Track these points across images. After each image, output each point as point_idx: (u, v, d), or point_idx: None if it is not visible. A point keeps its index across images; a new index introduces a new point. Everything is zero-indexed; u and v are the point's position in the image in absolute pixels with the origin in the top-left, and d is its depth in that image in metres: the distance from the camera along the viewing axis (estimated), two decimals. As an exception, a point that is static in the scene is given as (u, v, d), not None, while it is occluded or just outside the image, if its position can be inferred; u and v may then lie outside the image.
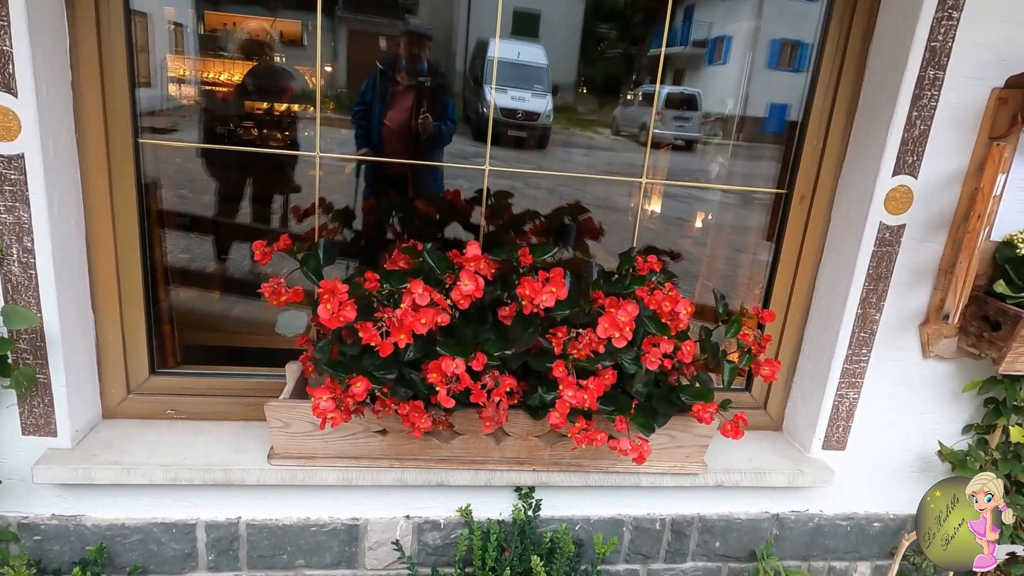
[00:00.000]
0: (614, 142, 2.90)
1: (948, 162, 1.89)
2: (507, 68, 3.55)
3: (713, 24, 4.31)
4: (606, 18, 2.49)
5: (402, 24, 2.91)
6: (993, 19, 1.80)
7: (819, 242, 2.13)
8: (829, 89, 2.01)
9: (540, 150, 4.70)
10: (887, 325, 2.04)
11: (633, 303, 1.58)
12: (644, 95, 4.33)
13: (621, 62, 2.57)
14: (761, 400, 2.31)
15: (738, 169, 2.91)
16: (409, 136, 2.78)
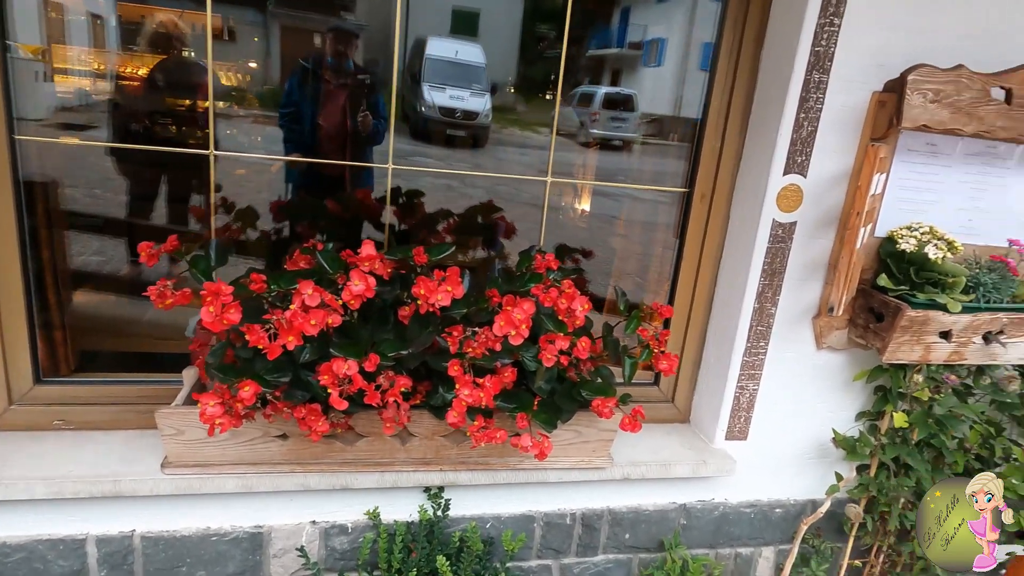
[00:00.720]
0: (556, 140, 2.93)
1: (834, 162, 1.98)
2: (445, 67, 3.53)
3: (648, 27, 4.40)
4: (545, 18, 2.51)
5: (337, 20, 2.85)
6: (872, 26, 1.89)
7: (719, 239, 2.19)
8: (725, 91, 2.08)
9: (479, 149, 4.68)
10: (782, 318, 2.12)
11: (530, 301, 1.60)
12: (582, 95, 4.36)
13: (560, 62, 2.59)
14: (669, 393, 2.37)
15: (669, 168, 2.98)
16: (344, 135, 2.73)
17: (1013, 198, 2.15)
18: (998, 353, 2.05)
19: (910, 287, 1.98)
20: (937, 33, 1.94)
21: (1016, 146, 2.08)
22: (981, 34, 1.97)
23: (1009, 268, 2.02)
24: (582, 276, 2.53)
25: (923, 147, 2.04)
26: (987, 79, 1.84)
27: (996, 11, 1.96)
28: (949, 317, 1.94)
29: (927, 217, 2.08)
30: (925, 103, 1.81)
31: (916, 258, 1.94)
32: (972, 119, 1.86)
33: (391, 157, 2.05)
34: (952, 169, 2.08)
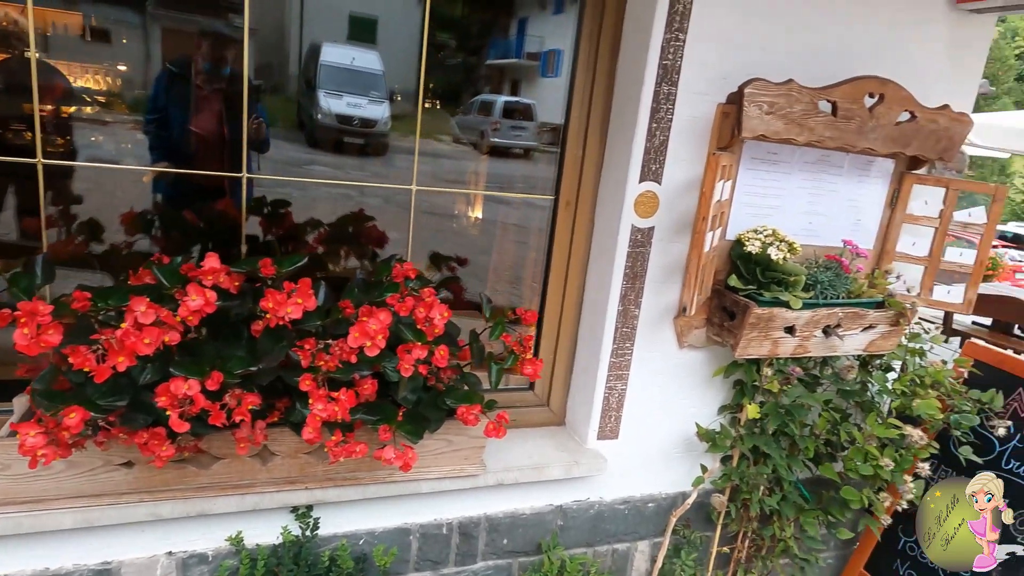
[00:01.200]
0: (454, 150, 2.90)
1: (685, 170, 2.09)
2: (341, 74, 3.43)
3: (545, 38, 4.50)
4: (444, 27, 2.49)
5: (222, 24, 2.70)
6: (714, 41, 2.01)
7: (586, 245, 2.26)
8: (584, 101, 2.14)
9: (378, 157, 4.61)
10: (646, 319, 2.21)
11: (386, 311, 1.58)
12: (482, 104, 4.37)
13: (461, 71, 2.57)
14: (544, 397, 2.41)
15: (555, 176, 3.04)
16: (221, 144, 2.58)
17: (846, 202, 2.34)
18: (837, 345, 2.22)
19: (757, 286, 2.12)
20: (772, 50, 2.09)
21: (846, 154, 2.26)
22: (810, 51, 2.14)
23: (843, 267, 2.19)
24: (459, 283, 2.53)
25: (766, 156, 2.19)
26: (815, 92, 1.99)
27: (823, 30, 2.14)
28: (792, 313, 2.09)
29: (772, 220, 2.24)
30: (761, 115, 1.94)
31: (761, 259, 2.08)
32: (804, 129, 2.02)
33: (244, 168, 1.97)
34: (792, 176, 2.24)
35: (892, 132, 2.13)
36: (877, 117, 2.08)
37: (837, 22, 2.15)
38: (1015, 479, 2.34)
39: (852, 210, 2.36)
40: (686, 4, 1.94)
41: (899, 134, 2.14)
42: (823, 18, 2.13)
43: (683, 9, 1.94)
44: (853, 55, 2.18)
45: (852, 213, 2.36)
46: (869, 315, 2.21)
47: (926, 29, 2.27)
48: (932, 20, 2.27)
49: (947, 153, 2.24)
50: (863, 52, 2.20)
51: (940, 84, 2.30)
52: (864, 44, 2.20)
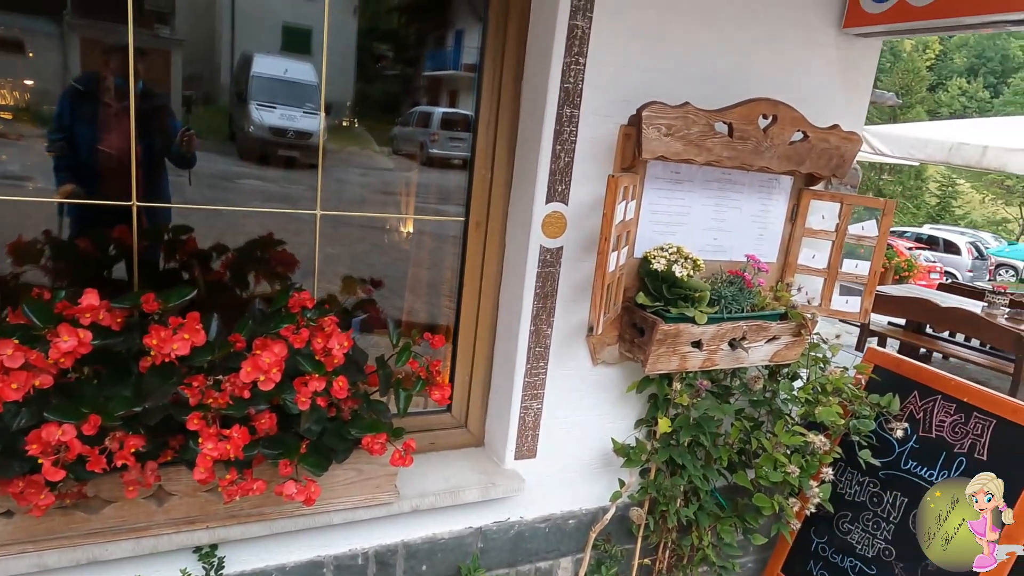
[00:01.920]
0: (394, 161, 2.85)
1: (591, 190, 2.12)
2: (274, 85, 3.34)
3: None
4: (381, 38, 2.45)
5: (148, 34, 2.59)
6: (614, 65, 2.05)
7: (498, 265, 2.26)
8: (490, 124, 2.15)
9: (314, 170, 4.51)
10: (559, 338, 2.23)
11: (281, 344, 1.54)
12: (420, 115, 4.32)
13: (399, 82, 2.53)
14: (462, 419, 2.39)
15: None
16: (137, 163, 2.47)
17: (749, 218, 2.42)
18: (743, 357, 2.29)
19: (664, 303, 2.16)
20: (671, 73, 2.15)
21: (747, 172, 2.34)
22: (708, 74, 2.21)
23: (745, 281, 2.27)
24: (375, 306, 2.50)
25: (670, 175, 2.24)
26: (711, 115, 2.06)
27: (720, 55, 2.21)
28: (698, 328, 2.14)
29: (678, 238, 2.29)
30: (660, 136, 1.99)
31: (667, 276, 2.12)
32: (702, 150, 2.08)
33: (134, 193, 1.90)
34: (696, 194, 2.31)
35: (786, 151, 2.21)
36: (771, 137, 2.17)
37: (732, 47, 2.23)
38: (913, 479, 2.46)
39: (755, 225, 2.44)
40: (584, 29, 1.98)
41: (793, 153, 2.23)
42: (719, 43, 2.21)
43: (581, 34, 1.98)
44: (748, 78, 2.27)
45: (755, 228, 2.45)
46: (772, 327, 2.29)
47: (816, 52, 2.38)
48: (822, 44, 2.38)
49: (839, 170, 2.35)
50: (758, 75, 2.29)
51: (831, 105, 2.42)
52: (758, 67, 2.29)
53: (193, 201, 2.32)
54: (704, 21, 2.16)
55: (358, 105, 2.54)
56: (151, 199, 2.31)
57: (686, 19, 2.13)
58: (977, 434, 2.33)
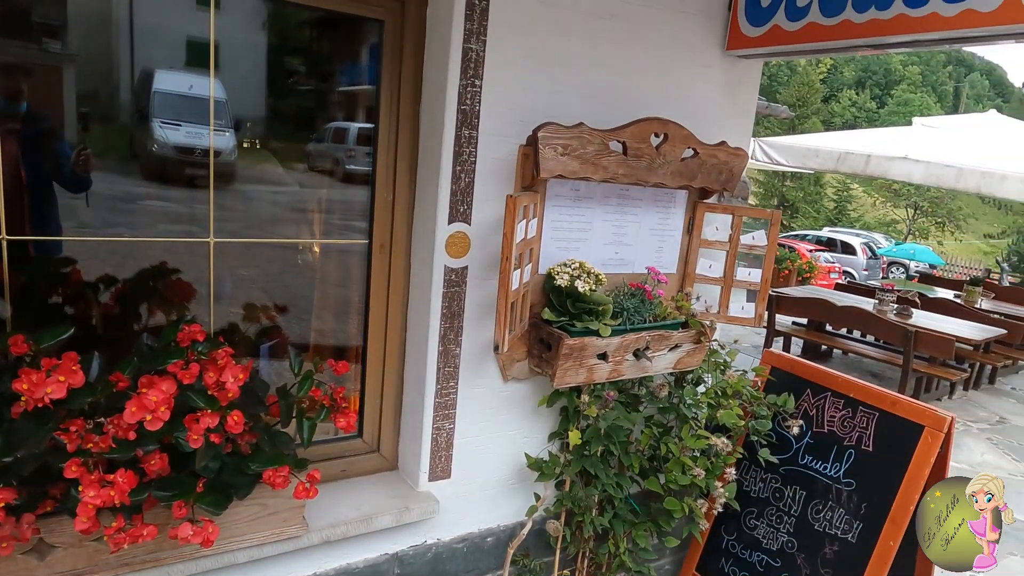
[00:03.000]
0: (309, 178, 2.76)
1: (493, 209, 2.15)
2: (178, 102, 3.19)
3: None
4: (292, 53, 2.37)
5: (38, 49, 2.40)
6: (510, 87, 2.09)
7: (403, 287, 2.25)
8: (390, 147, 2.15)
9: (225, 189, 4.32)
10: (468, 357, 2.23)
11: (169, 380, 1.48)
12: (336, 131, 4.23)
13: (313, 97, 2.45)
14: (374, 443, 2.36)
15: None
16: (18, 188, 2.29)
17: (648, 231, 2.52)
18: (648, 366, 2.36)
19: (570, 317, 2.21)
20: (567, 94, 2.21)
21: (643, 188, 2.43)
22: (603, 95, 2.28)
23: (646, 293, 2.35)
24: (280, 332, 2.43)
25: (570, 192, 2.30)
26: (605, 134, 2.13)
27: (614, 76, 2.29)
28: (603, 341, 2.19)
29: (581, 253, 2.35)
30: (557, 155, 2.04)
31: (571, 291, 2.17)
32: (598, 168, 2.15)
33: (3, 225, 1.78)
34: (596, 210, 2.37)
35: (679, 167, 2.32)
36: (664, 154, 2.26)
37: (624, 68, 2.32)
38: (809, 472, 2.61)
39: (654, 238, 2.54)
40: (479, 52, 2.01)
41: (685, 169, 2.33)
42: (611, 64, 2.29)
43: (476, 57, 2.01)
44: (641, 98, 2.36)
45: (655, 241, 2.54)
46: (674, 335, 2.38)
47: (703, 73, 2.51)
48: (708, 65, 2.51)
49: (729, 184, 2.47)
50: (649, 95, 2.38)
51: (719, 122, 2.55)
52: (650, 87, 2.39)
53: (90, 225, 2.20)
54: (595, 43, 2.24)
55: (270, 121, 2.47)
56: (38, 229, 2.17)
57: (578, 42, 2.20)
58: (863, 427, 2.49)
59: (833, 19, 2.15)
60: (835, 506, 2.49)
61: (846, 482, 2.48)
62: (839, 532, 2.46)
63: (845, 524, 2.45)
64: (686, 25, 2.43)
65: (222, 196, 3.66)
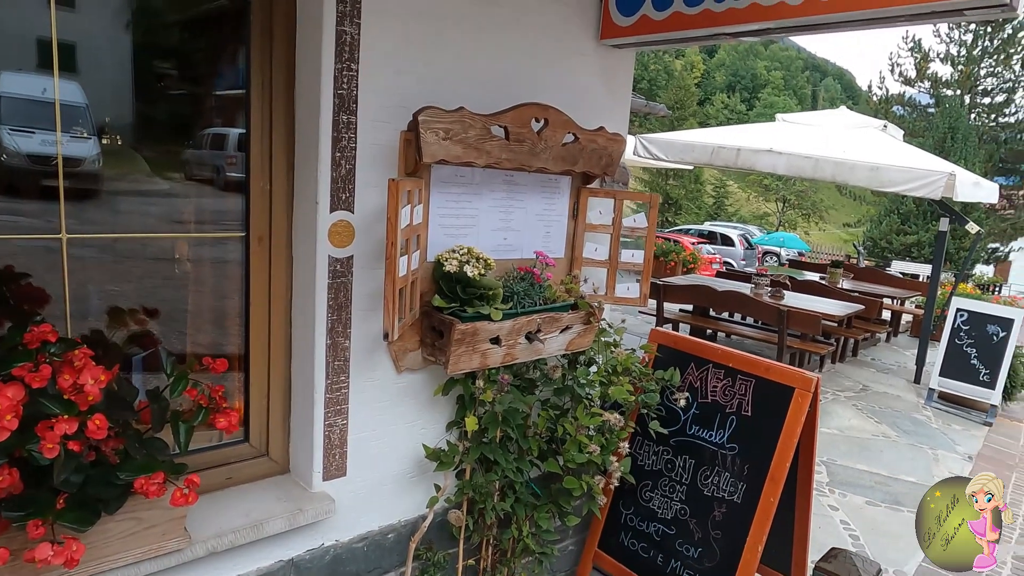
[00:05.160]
0: (186, 187, 2.54)
1: (377, 196, 2.10)
2: (29, 107, 2.86)
3: None
4: (163, 55, 2.16)
5: None
6: (388, 71, 2.06)
7: (286, 280, 2.16)
8: (264, 134, 2.06)
9: (89, 200, 3.93)
10: (358, 349, 2.18)
11: (16, 385, 1.33)
12: (214, 137, 3.97)
13: (187, 102, 2.25)
14: (262, 446, 2.25)
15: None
16: None
17: (535, 216, 2.56)
18: (541, 348, 2.40)
19: (461, 303, 2.20)
20: (448, 79, 2.21)
21: (528, 173, 2.47)
22: (483, 80, 2.30)
23: (535, 277, 2.38)
24: (152, 337, 2.26)
25: (455, 178, 2.30)
26: (487, 119, 2.14)
27: (493, 61, 2.31)
28: (494, 325, 2.20)
29: (469, 239, 2.35)
30: (439, 140, 2.03)
31: (460, 277, 2.17)
32: (481, 153, 2.16)
33: None
34: (483, 196, 2.38)
35: (561, 152, 2.37)
36: (545, 139, 2.30)
37: (504, 53, 2.35)
38: (697, 441, 2.74)
39: (541, 223, 2.58)
40: (354, 35, 1.96)
41: (567, 154, 2.39)
42: (491, 50, 2.31)
43: (351, 40, 1.96)
44: (522, 83, 2.40)
45: (542, 226, 2.59)
46: (564, 317, 2.43)
47: (580, 61, 2.59)
48: (583, 53, 2.59)
49: (609, 169, 2.56)
50: (530, 81, 2.43)
51: (597, 109, 2.63)
52: (530, 73, 2.43)
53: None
54: (475, 29, 2.25)
55: (140, 126, 2.30)
56: None
57: (457, 26, 2.20)
58: (742, 394, 2.65)
59: (695, 8, 2.27)
60: (721, 471, 2.64)
61: (730, 447, 2.63)
62: (726, 495, 2.60)
63: (731, 487, 2.59)
64: (562, 13, 2.49)
65: (86, 207, 3.39)
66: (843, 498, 4.26)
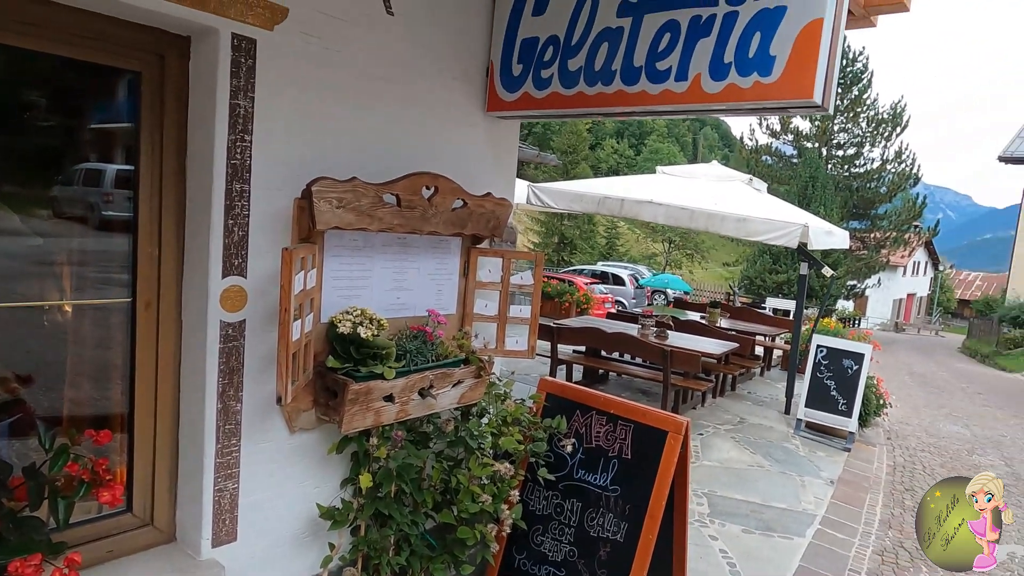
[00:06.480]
0: (57, 226, 2.39)
1: (270, 262, 2.16)
2: None
3: None
4: (30, 85, 2.05)
5: None
6: (282, 142, 2.14)
7: (175, 345, 2.15)
8: (153, 200, 2.07)
9: None
10: (250, 412, 2.19)
11: None
12: (87, 173, 3.78)
13: (57, 134, 2.15)
14: (147, 516, 2.19)
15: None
16: None
17: (428, 276, 2.68)
18: (434, 403, 2.49)
19: (354, 363, 2.27)
20: (342, 148, 2.31)
21: (420, 236, 2.60)
22: (377, 150, 2.42)
23: (428, 335, 2.50)
24: (25, 406, 2.16)
25: (349, 242, 2.39)
26: (379, 188, 2.26)
27: (386, 131, 2.45)
28: (388, 383, 2.29)
29: (362, 300, 2.44)
30: (332, 208, 2.13)
31: (354, 338, 2.24)
32: (374, 219, 2.26)
33: None
34: (376, 258, 2.48)
35: (450, 217, 2.52)
36: (436, 205, 2.45)
37: (397, 125, 2.49)
38: (583, 485, 2.91)
39: (433, 282, 2.71)
40: (247, 108, 2.04)
41: (456, 218, 2.54)
42: (384, 121, 2.44)
43: (245, 112, 2.03)
44: (414, 153, 2.54)
45: (434, 285, 2.71)
46: (456, 372, 2.54)
47: (469, 131, 2.77)
48: (473, 124, 2.78)
49: (497, 230, 2.74)
50: (422, 150, 2.58)
51: (485, 175, 2.82)
52: (422, 143, 2.58)
53: None
54: (369, 102, 2.38)
55: (1, 163, 2.20)
56: None
57: (352, 100, 2.32)
58: (623, 438, 2.85)
59: (570, 90, 2.52)
60: (605, 512, 2.81)
61: (612, 489, 2.81)
62: (610, 534, 2.77)
63: (614, 527, 2.77)
64: (452, 88, 2.67)
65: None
66: (722, 528, 4.57)
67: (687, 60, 2.23)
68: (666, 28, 2.28)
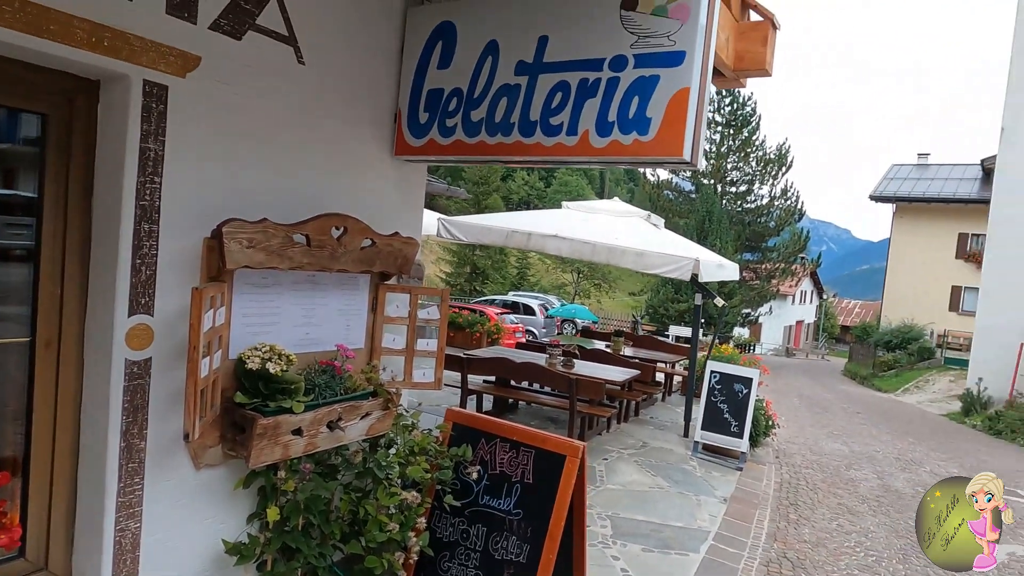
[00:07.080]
0: None
1: (178, 299, 2.20)
2: None
3: None
4: None
5: None
6: (192, 184, 2.21)
7: (75, 384, 2.14)
8: (57, 238, 2.08)
9: None
10: (155, 450, 2.20)
11: None
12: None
13: None
14: (41, 560, 2.14)
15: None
16: None
17: (336, 312, 2.77)
18: (342, 436, 2.57)
19: (263, 399, 2.33)
20: (253, 190, 2.40)
21: (328, 273, 2.69)
22: (287, 191, 2.52)
23: (336, 369, 2.58)
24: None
25: (258, 280, 2.45)
26: (289, 228, 2.35)
27: (296, 174, 2.55)
28: (296, 417, 2.35)
29: (271, 336, 2.50)
30: (243, 248, 2.20)
31: (263, 373, 2.30)
32: (284, 258, 2.35)
33: None
34: (286, 295, 2.56)
35: (359, 255, 2.64)
36: (345, 245, 2.56)
37: (307, 168, 2.60)
38: (488, 510, 3.05)
39: (342, 318, 2.80)
40: (157, 151, 2.10)
41: (365, 257, 2.66)
42: (294, 164, 2.55)
43: (155, 156, 2.09)
44: (324, 194, 2.65)
45: (343, 320, 2.81)
46: (364, 405, 2.64)
47: (378, 174, 2.91)
48: (381, 167, 2.92)
49: (405, 267, 2.87)
50: (332, 192, 2.69)
51: (393, 215, 2.96)
52: (332, 185, 2.70)
53: None
54: (280, 146, 2.48)
55: None
56: None
57: (263, 144, 2.41)
58: (525, 464, 3.02)
59: (473, 139, 2.72)
60: (509, 535, 2.96)
61: (515, 512, 2.96)
62: (513, 556, 2.91)
63: (517, 549, 2.92)
64: (362, 133, 2.81)
65: None
66: (624, 548, 4.81)
67: (577, 117, 2.48)
68: (558, 88, 2.52)
